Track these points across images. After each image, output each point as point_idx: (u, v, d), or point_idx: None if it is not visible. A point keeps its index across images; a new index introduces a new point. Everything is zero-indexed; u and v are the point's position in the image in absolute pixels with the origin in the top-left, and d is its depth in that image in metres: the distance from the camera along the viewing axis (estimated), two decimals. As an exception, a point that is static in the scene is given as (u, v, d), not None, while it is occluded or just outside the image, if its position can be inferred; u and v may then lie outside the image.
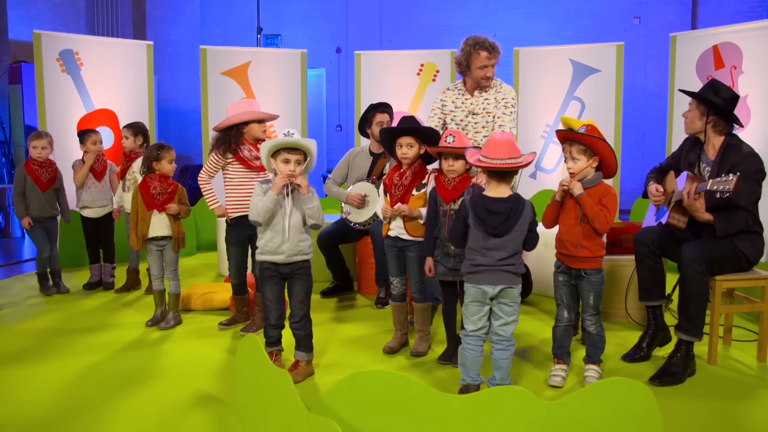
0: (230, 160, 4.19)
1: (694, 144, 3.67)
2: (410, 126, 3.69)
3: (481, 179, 3.48)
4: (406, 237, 3.70)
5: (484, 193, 3.09)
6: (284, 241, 3.35)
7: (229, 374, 3.48)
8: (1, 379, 3.45)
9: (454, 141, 3.39)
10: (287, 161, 3.30)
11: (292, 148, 3.30)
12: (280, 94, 7.43)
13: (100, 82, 6.76)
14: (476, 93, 4.29)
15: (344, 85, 10.88)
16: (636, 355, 3.71)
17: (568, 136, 3.26)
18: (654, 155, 8.01)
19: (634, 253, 3.74)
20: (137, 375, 3.51)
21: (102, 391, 3.29)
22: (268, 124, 4.39)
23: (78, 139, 5.40)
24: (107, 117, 6.82)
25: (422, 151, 3.69)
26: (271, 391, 2.55)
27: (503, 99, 4.17)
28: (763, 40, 5.70)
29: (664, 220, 3.65)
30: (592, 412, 2.32)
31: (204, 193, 4.32)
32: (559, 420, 2.31)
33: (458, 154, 3.41)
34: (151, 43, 7.22)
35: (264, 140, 4.22)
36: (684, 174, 3.58)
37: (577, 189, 3.24)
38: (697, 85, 6.15)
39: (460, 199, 3.43)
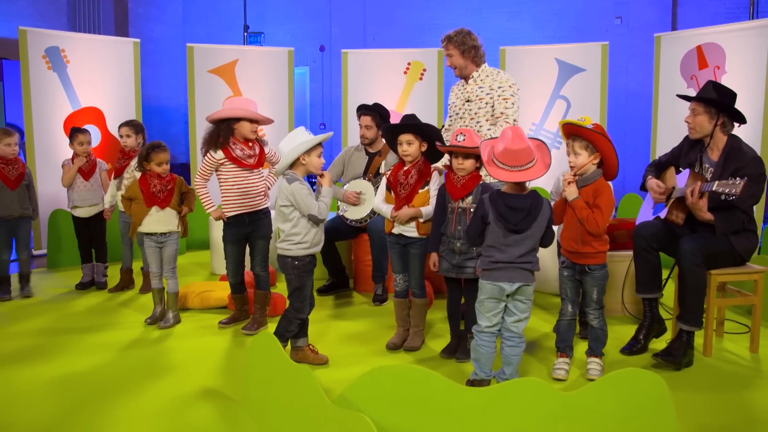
0: (222, 161, 4.15)
1: (695, 143, 3.75)
2: (410, 122, 3.74)
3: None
4: (409, 234, 3.74)
5: (503, 190, 3.14)
6: (322, 230, 3.59)
7: (234, 372, 3.50)
8: (5, 380, 3.42)
9: (464, 140, 3.44)
10: (320, 155, 3.51)
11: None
12: (267, 92, 7.43)
13: (87, 79, 6.70)
14: (470, 81, 4.37)
15: (328, 84, 10.88)
16: (634, 347, 3.81)
17: (573, 130, 3.34)
18: (636, 154, 8.17)
19: (632, 247, 3.83)
20: (142, 374, 3.50)
21: (108, 389, 3.28)
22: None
23: (69, 137, 5.33)
24: (94, 115, 6.76)
25: (424, 149, 3.74)
26: (292, 388, 2.57)
27: (500, 88, 4.22)
28: (745, 41, 5.86)
29: (662, 215, 3.74)
30: (607, 401, 2.38)
31: (200, 197, 4.27)
32: (576, 410, 2.37)
33: (468, 153, 3.46)
34: (138, 40, 7.16)
35: (252, 140, 4.20)
36: (686, 172, 3.68)
37: (571, 194, 3.32)
38: (680, 85, 6.31)
39: (469, 197, 3.49)
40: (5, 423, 2.92)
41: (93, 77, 6.74)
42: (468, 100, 4.32)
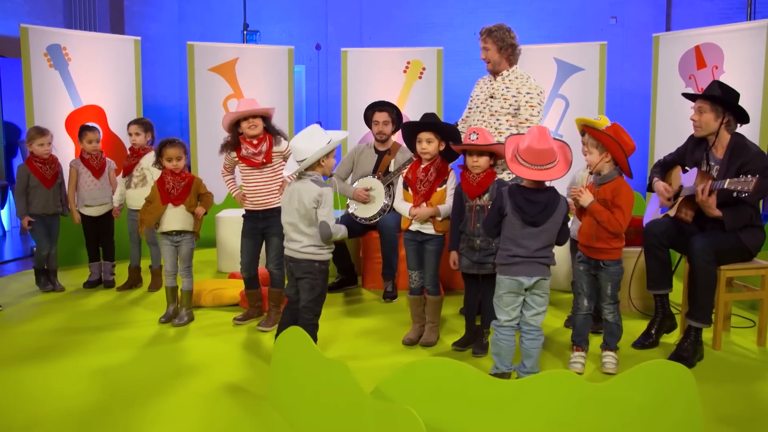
0: (236, 159, 4.29)
1: (699, 142, 3.84)
2: (430, 121, 3.80)
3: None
4: (426, 231, 3.80)
5: (522, 184, 3.21)
6: None
7: (254, 368, 3.55)
8: (30, 377, 3.43)
9: (477, 138, 3.51)
10: (334, 156, 3.58)
11: None
12: (267, 90, 7.44)
13: (88, 77, 6.66)
14: (499, 78, 4.38)
15: (324, 82, 10.90)
16: (645, 341, 3.89)
17: (585, 129, 3.44)
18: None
19: (643, 245, 3.91)
20: (166, 371, 3.52)
21: (135, 387, 3.31)
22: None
23: (78, 135, 5.34)
24: (95, 113, 6.72)
25: (442, 148, 3.80)
26: (326, 382, 2.61)
27: (528, 94, 4.24)
28: (743, 42, 5.97)
29: (672, 213, 3.83)
30: (637, 392, 2.45)
31: (225, 183, 4.51)
32: (607, 401, 2.44)
33: (482, 151, 3.53)
34: (138, 38, 7.14)
35: (259, 139, 4.22)
36: (693, 171, 3.76)
37: (586, 200, 3.39)
38: (679, 85, 6.42)
39: (485, 195, 3.56)
40: (38, 419, 2.94)
41: (94, 75, 6.71)
42: (492, 96, 4.34)
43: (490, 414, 2.44)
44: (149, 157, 4.98)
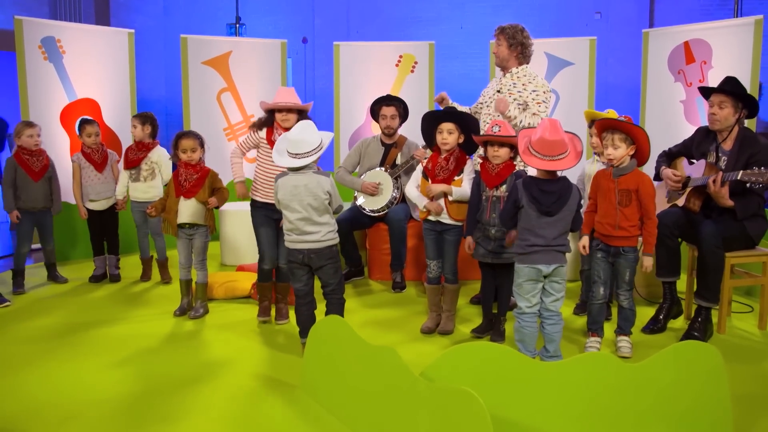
0: (262, 139, 4.22)
1: (707, 134, 4.00)
2: (453, 112, 3.89)
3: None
4: (447, 221, 3.90)
5: (536, 175, 3.32)
6: None
7: (280, 357, 3.61)
8: (59, 372, 3.44)
9: (500, 130, 3.61)
10: None
11: None
12: (260, 83, 7.45)
13: (83, 70, 6.60)
14: (507, 75, 4.50)
15: (311, 76, 10.90)
16: (654, 327, 4.04)
17: (611, 124, 3.53)
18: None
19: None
20: (190, 362, 3.56)
21: (163, 377, 3.34)
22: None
23: (78, 129, 5.31)
24: (90, 106, 6.66)
25: (461, 140, 3.89)
26: (372, 369, 2.68)
27: (534, 91, 4.36)
28: (731, 38, 6.16)
29: (680, 203, 3.99)
30: (669, 371, 2.58)
31: (232, 165, 4.38)
32: (641, 380, 2.57)
33: (503, 142, 3.63)
34: (132, 31, 7.08)
35: (284, 128, 4.23)
36: (701, 163, 3.92)
37: (648, 264, 3.55)
38: (668, 79, 6.62)
39: (503, 186, 3.66)
40: (74, 412, 2.97)
41: (89, 68, 6.64)
42: (499, 91, 4.46)
43: (535, 394, 2.54)
44: (157, 151, 4.98)
